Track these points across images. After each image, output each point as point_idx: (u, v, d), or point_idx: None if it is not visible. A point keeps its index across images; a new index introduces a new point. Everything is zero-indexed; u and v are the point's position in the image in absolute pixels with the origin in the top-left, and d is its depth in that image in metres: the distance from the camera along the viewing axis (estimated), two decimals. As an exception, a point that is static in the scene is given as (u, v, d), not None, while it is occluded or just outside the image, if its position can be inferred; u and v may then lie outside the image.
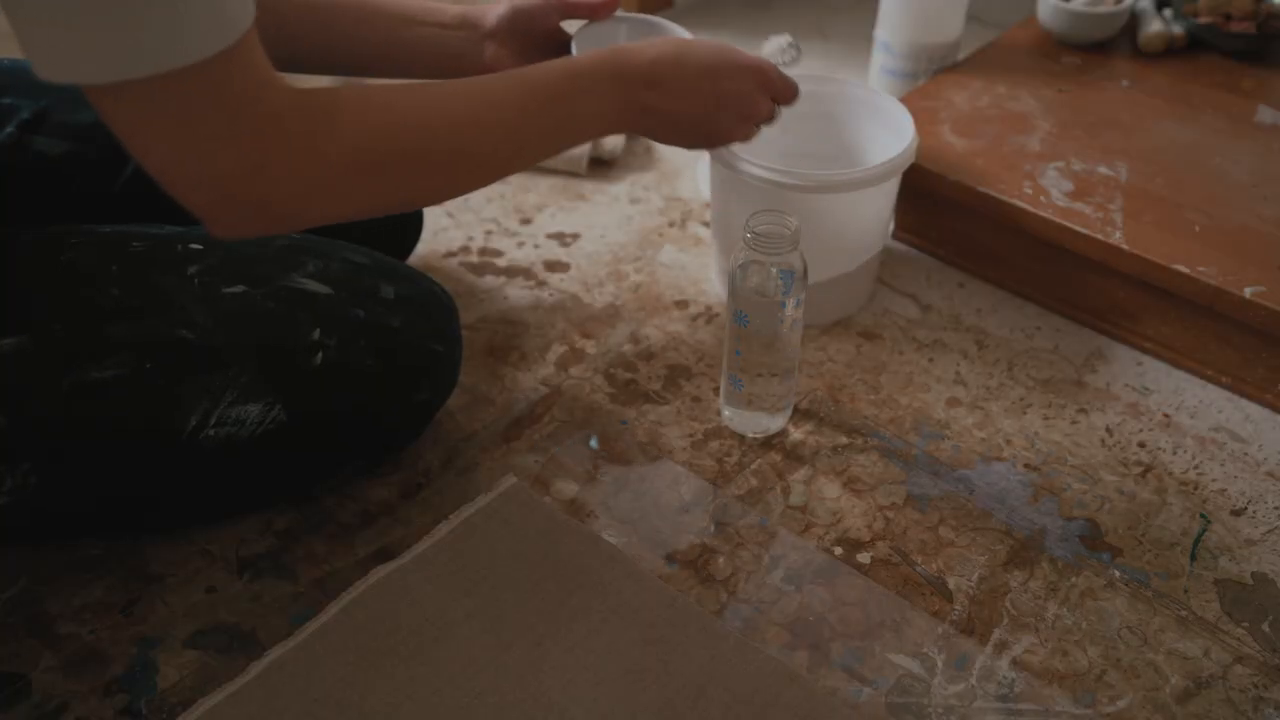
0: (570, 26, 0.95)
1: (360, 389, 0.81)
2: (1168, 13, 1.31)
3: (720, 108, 0.84)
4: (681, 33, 0.95)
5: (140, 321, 0.74)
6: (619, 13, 0.95)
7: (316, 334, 0.79)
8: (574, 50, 0.92)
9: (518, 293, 1.10)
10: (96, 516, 0.80)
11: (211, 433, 0.76)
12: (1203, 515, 0.90)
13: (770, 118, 0.89)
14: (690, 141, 0.86)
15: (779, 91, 0.88)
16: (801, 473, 0.92)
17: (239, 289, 0.78)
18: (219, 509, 0.85)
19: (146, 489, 0.78)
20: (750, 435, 0.94)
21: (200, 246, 0.79)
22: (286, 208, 0.63)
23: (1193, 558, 0.86)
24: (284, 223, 0.65)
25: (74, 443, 0.73)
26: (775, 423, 0.94)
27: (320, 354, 0.79)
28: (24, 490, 0.72)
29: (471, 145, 0.72)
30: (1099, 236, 1.01)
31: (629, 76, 0.79)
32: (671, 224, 1.21)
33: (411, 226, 1.04)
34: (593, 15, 0.93)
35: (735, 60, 0.84)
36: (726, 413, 0.95)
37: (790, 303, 0.85)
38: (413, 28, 0.89)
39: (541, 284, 1.11)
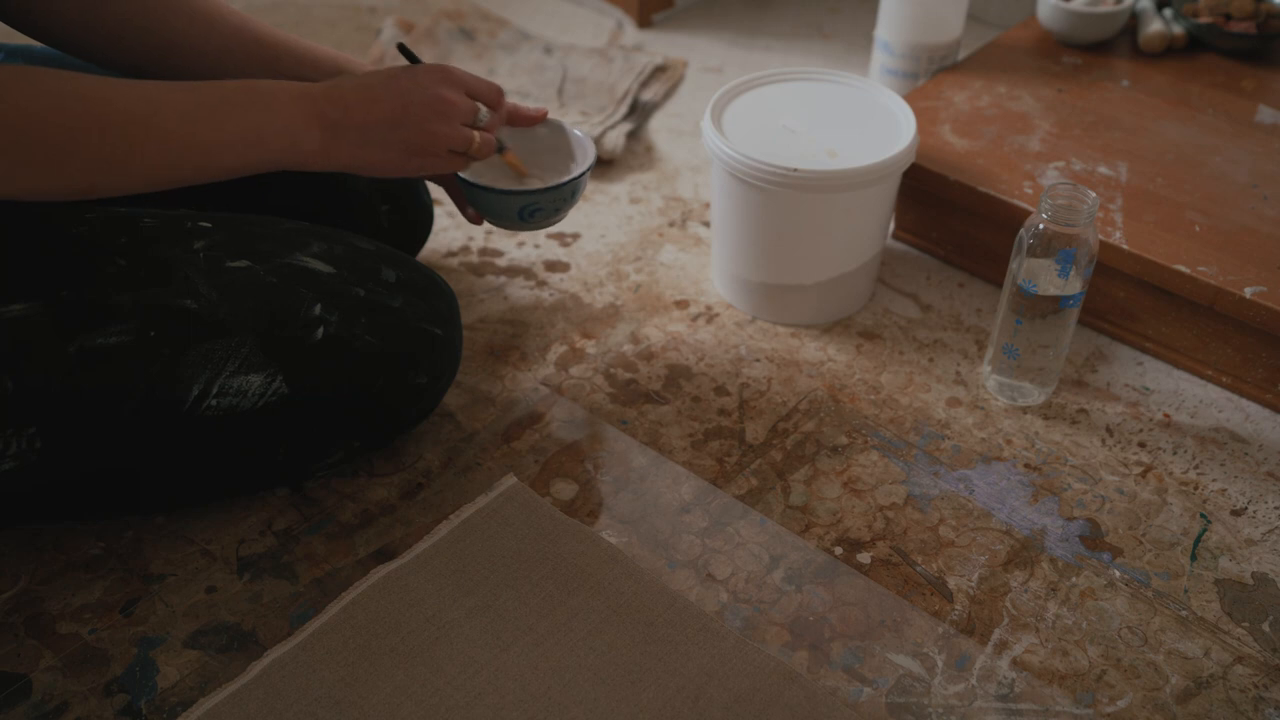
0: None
1: (360, 366, 0.82)
2: (1168, 13, 1.31)
3: (407, 108, 0.78)
4: (587, 144, 0.92)
5: (145, 290, 0.75)
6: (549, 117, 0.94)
7: (318, 309, 0.80)
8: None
9: (518, 293, 1.10)
10: (99, 490, 0.80)
11: (214, 403, 0.77)
12: (1203, 515, 0.90)
13: (471, 114, 0.83)
14: (401, 158, 0.80)
15: (473, 88, 0.83)
16: (801, 473, 0.92)
17: (243, 264, 0.79)
18: (220, 486, 0.86)
19: (150, 460, 0.79)
20: (1007, 403, 0.99)
21: (209, 225, 0.80)
22: None
23: (1193, 558, 0.86)
24: None
25: (80, 408, 0.74)
26: (1040, 395, 0.99)
27: (321, 329, 0.80)
28: (30, 456, 0.73)
29: (124, 142, 0.69)
30: (1099, 237, 1.00)
31: (311, 94, 0.76)
32: (671, 224, 1.21)
33: (420, 225, 1.04)
34: (515, 124, 0.92)
35: (412, 67, 0.81)
36: (992, 381, 0.99)
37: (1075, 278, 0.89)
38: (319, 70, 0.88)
39: (542, 284, 1.12)
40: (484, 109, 0.84)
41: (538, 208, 0.88)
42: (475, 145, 0.82)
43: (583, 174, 0.89)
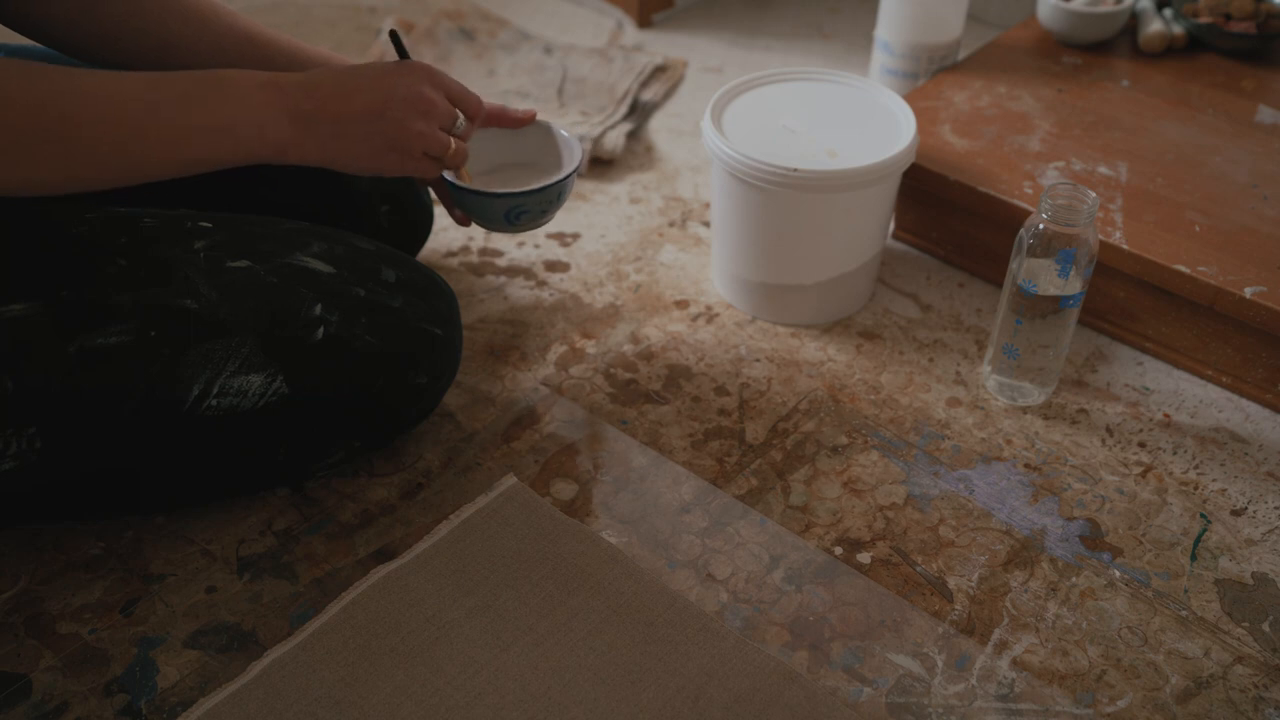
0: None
1: (360, 366, 0.82)
2: (1168, 13, 1.31)
3: (388, 101, 0.77)
4: (574, 145, 0.92)
5: (145, 290, 0.75)
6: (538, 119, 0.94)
7: (318, 309, 0.80)
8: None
9: (518, 293, 1.10)
10: (99, 490, 0.80)
11: (214, 403, 0.77)
12: (1203, 515, 0.90)
13: (450, 119, 0.82)
14: (375, 153, 0.79)
15: (454, 94, 0.83)
16: (801, 473, 0.92)
17: (243, 264, 0.79)
18: (220, 486, 0.86)
19: (150, 460, 0.79)
20: (1007, 403, 0.99)
21: (209, 225, 0.81)
22: None
23: (1193, 558, 0.86)
24: None
25: (80, 408, 0.74)
26: (1039, 395, 0.99)
27: (321, 329, 0.80)
28: (30, 456, 0.73)
29: (86, 133, 0.68)
30: (1099, 237, 1.00)
31: (282, 84, 0.75)
32: (671, 224, 1.21)
33: (420, 225, 1.04)
34: (503, 125, 0.92)
35: (396, 64, 0.80)
36: (992, 381, 0.99)
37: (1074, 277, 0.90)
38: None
39: (542, 284, 1.12)
40: (461, 117, 0.83)
41: (523, 210, 0.88)
42: (450, 151, 0.82)
43: (568, 176, 0.89)
